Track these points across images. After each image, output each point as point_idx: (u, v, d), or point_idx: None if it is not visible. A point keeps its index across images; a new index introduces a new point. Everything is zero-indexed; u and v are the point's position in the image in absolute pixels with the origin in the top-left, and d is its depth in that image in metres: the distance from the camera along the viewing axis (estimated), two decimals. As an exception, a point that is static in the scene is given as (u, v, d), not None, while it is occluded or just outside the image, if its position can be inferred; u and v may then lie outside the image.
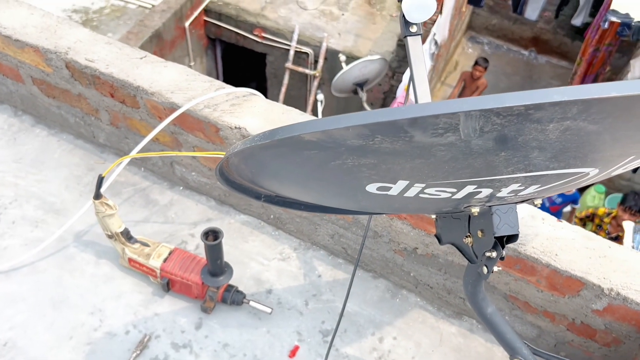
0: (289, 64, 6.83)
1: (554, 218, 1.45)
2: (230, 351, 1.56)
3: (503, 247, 1.05)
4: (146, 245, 1.63)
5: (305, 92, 7.25)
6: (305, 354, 1.56)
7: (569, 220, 6.04)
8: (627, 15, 4.79)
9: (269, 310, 1.59)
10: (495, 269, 1.09)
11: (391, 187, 0.89)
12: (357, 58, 6.41)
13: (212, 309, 1.61)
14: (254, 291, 1.67)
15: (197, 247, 1.76)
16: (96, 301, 1.62)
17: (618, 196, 5.83)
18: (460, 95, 6.74)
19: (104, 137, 1.92)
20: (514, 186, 0.90)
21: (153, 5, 6.56)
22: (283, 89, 7.04)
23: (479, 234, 1.06)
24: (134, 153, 1.53)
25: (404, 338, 1.61)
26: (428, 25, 6.05)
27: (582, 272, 1.35)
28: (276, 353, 1.56)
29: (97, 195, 1.49)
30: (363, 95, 6.34)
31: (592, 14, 6.05)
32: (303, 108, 6.95)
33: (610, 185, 5.97)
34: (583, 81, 6.30)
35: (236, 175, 1.06)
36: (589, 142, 0.76)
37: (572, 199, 5.29)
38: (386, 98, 6.84)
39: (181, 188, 1.89)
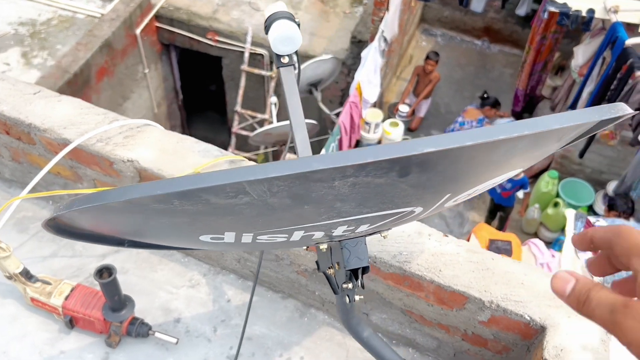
0: (244, 66, 6.81)
1: (440, 233, 1.48)
2: (137, 384, 1.57)
3: (357, 279, 1.07)
4: (48, 283, 1.62)
5: (263, 93, 7.24)
6: (212, 381, 1.58)
7: (522, 204, 6.15)
8: (564, 4, 4.87)
9: (174, 340, 1.60)
10: (357, 297, 1.12)
11: (223, 237, 0.90)
12: (312, 57, 6.41)
13: (118, 343, 1.61)
14: (162, 321, 1.68)
15: (105, 279, 1.75)
16: (1, 343, 1.61)
17: (572, 180, 5.95)
18: (415, 89, 6.79)
19: (8, 172, 1.91)
20: (343, 227, 0.92)
21: (102, 14, 6.48)
22: (240, 92, 7.03)
23: (337, 266, 1.09)
24: (23, 194, 1.53)
25: (312, 357, 1.63)
26: (376, 22, 6.09)
27: (464, 286, 1.38)
28: (183, 382, 1.57)
29: (-11, 239, 1.48)
30: (318, 95, 6.35)
31: (538, 1, 6.12)
32: (263, 109, 6.95)
33: (563, 170, 6.08)
34: (532, 69, 6.39)
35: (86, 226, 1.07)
36: (387, 192, 0.78)
37: (521, 184, 5.39)
38: (344, 95, 6.87)
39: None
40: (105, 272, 1.48)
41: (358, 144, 6.41)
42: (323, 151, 5.19)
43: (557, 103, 6.46)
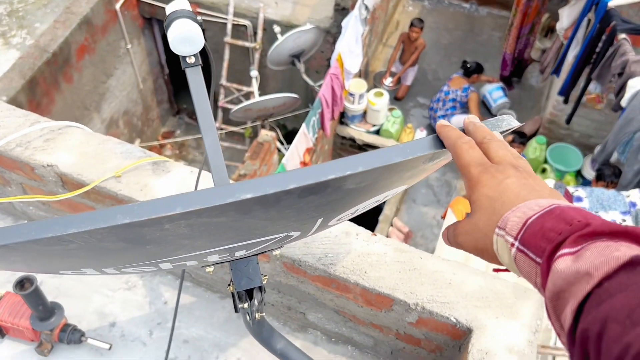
0: (227, 38, 6.68)
1: (368, 232, 1.43)
2: (70, 392, 1.54)
3: (252, 298, 1.02)
4: (-24, 292, 1.59)
5: (248, 65, 7.11)
6: (146, 386, 1.56)
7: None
8: (547, -36, 4.70)
9: (107, 346, 1.57)
10: (258, 315, 1.07)
11: (83, 271, 0.85)
12: (295, 26, 6.27)
13: (50, 351, 1.58)
14: (97, 326, 1.65)
15: (40, 283, 1.72)
16: None
17: (560, 145, 5.86)
18: (401, 57, 6.65)
19: (-59, 176, 1.86)
20: (214, 257, 0.86)
21: (80, -10, 6.31)
22: (225, 64, 6.91)
23: (232, 286, 1.04)
24: (-61, 205, 1.48)
25: (248, 358, 1.61)
26: (356, -12, 5.91)
27: (389, 288, 1.33)
28: (116, 388, 1.55)
29: None
30: (301, 67, 6.24)
31: (524, -38, 5.92)
32: (248, 82, 6.83)
33: (551, 135, 5.99)
34: (520, 32, 6.23)
35: None
36: (237, 227, 0.72)
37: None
38: (329, 65, 6.73)
39: (25, 221, 1.84)
40: (27, 283, 1.44)
41: (343, 115, 6.32)
42: (304, 126, 5.11)
43: (545, 66, 6.31)
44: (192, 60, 1.26)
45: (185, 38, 1.20)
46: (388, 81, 6.67)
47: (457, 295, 1.33)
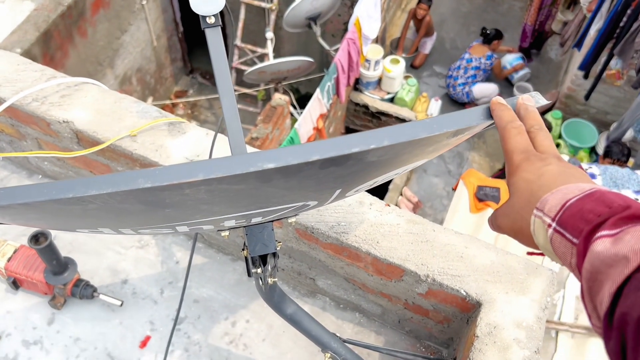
0: (243, -3, 6.56)
1: (382, 203, 1.42)
2: (82, 345, 1.57)
3: (266, 264, 1.03)
4: (-9, 244, 1.61)
5: (263, 26, 7.01)
6: (156, 344, 1.58)
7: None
8: None
9: (118, 302, 1.59)
10: (271, 280, 1.08)
11: (100, 231, 0.86)
12: (312, -10, 6.16)
13: (63, 305, 1.61)
14: (109, 282, 1.67)
15: (54, 238, 1.74)
16: (-52, 302, 1.62)
17: (575, 121, 5.79)
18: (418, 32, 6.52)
19: (-43, 127, 1.86)
20: (230, 222, 0.86)
21: (91, -57, 6.21)
22: (240, 24, 6.83)
23: (246, 250, 1.04)
24: (-44, 157, 1.49)
25: (257, 320, 1.63)
26: (376, -48, 5.77)
27: (400, 259, 1.34)
28: (127, 344, 1.58)
29: None
30: (317, 30, 6.14)
31: None
32: (263, 44, 6.74)
33: (567, 110, 5.90)
34: (542, 2, 6.10)
35: None
36: (255, 194, 0.72)
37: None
38: (346, 29, 6.63)
39: (40, 177, 1.85)
40: (41, 237, 1.46)
41: (358, 82, 6.25)
42: (318, 91, 5.07)
43: (566, 39, 6.18)
44: (212, 20, 1.23)
45: (206, -2, 1.18)
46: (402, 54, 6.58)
47: (468, 269, 1.33)
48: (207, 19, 1.23)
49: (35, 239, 1.45)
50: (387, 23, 6.74)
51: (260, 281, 1.08)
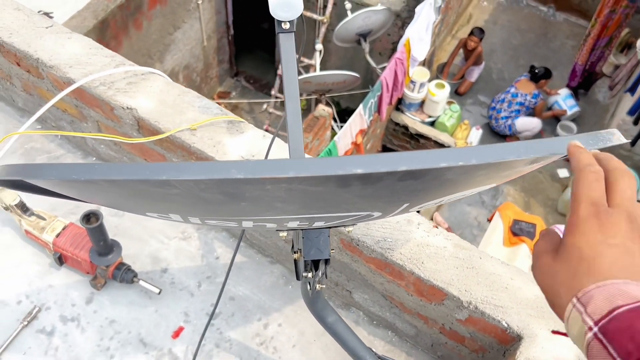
0: (297, 8, 6.61)
1: (429, 224, 1.42)
2: (116, 327, 1.60)
3: (317, 269, 1.04)
4: (42, 218, 1.65)
5: (313, 37, 7.09)
6: (188, 335, 1.60)
7: (563, 184, 5.92)
8: (639, -22, 4.50)
9: (157, 290, 1.62)
10: (319, 286, 1.09)
11: (169, 217, 0.88)
12: (367, 6, 6.22)
13: (103, 286, 1.64)
14: (149, 269, 1.70)
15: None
16: (-6, 269, 1.67)
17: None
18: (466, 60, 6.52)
19: (21, 102, 1.93)
20: (294, 223, 0.88)
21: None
22: (291, 34, 6.87)
23: (298, 253, 1.05)
24: (22, 130, 1.54)
25: (289, 325, 1.63)
26: (436, -25, 5.80)
27: (444, 282, 1.33)
28: (160, 333, 1.60)
29: (-13, 170, 1.51)
30: (366, 47, 6.18)
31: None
32: (310, 55, 6.81)
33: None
34: (596, 43, 6.02)
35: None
36: (329, 198, 0.73)
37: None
38: (394, 49, 6.65)
39: (94, 158, 1.90)
40: (92, 217, 1.49)
41: (400, 102, 6.25)
42: (360, 107, 5.09)
43: (616, 83, 6.10)
44: (287, 26, 1.26)
45: (286, 3, 1.20)
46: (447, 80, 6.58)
47: (512, 301, 1.32)
48: (283, 24, 1.25)
49: (87, 218, 1.49)
50: (435, 47, 6.74)
51: (309, 286, 1.09)
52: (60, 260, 1.65)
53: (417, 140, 6.27)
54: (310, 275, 1.03)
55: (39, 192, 1.00)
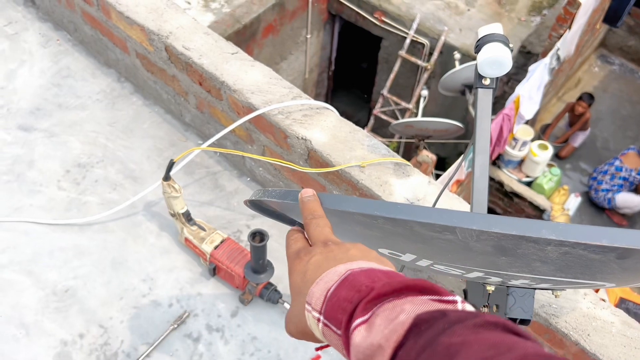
0: (402, 52, 6.77)
1: (597, 296, 1.40)
2: (257, 345, 1.66)
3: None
4: (203, 229, 1.75)
5: (413, 82, 7.17)
6: (325, 365, 1.63)
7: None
8: None
9: (300, 315, 1.66)
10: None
11: (401, 256, 0.91)
12: (473, 58, 6.23)
13: (249, 302, 1.71)
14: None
15: (250, 238, 1.86)
16: (150, 270, 1.77)
17: None
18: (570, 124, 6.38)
19: (189, 117, 2.06)
20: (524, 281, 0.89)
21: (281, -27, 6.69)
22: (392, 76, 7.01)
23: (494, 308, 1.07)
24: (205, 146, 1.65)
25: None
26: (553, 38, 5.76)
27: (610, 359, 1.30)
28: (298, 357, 1.64)
29: (166, 177, 1.62)
30: (470, 98, 6.17)
31: None
32: (408, 99, 6.89)
33: None
34: None
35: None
36: (594, 266, 0.75)
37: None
38: (496, 103, 6.61)
39: (248, 179, 1.99)
40: (258, 236, 1.57)
41: (499, 157, 6.17)
42: (462, 157, 5.05)
43: None
44: (487, 82, 1.29)
45: (495, 61, 1.24)
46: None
47: (683, 391, 1.27)
48: (483, 79, 1.29)
49: (254, 236, 1.56)
50: (540, 107, 6.64)
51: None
52: (214, 271, 1.73)
53: (510, 199, 6.15)
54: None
55: (269, 215, 1.07)
